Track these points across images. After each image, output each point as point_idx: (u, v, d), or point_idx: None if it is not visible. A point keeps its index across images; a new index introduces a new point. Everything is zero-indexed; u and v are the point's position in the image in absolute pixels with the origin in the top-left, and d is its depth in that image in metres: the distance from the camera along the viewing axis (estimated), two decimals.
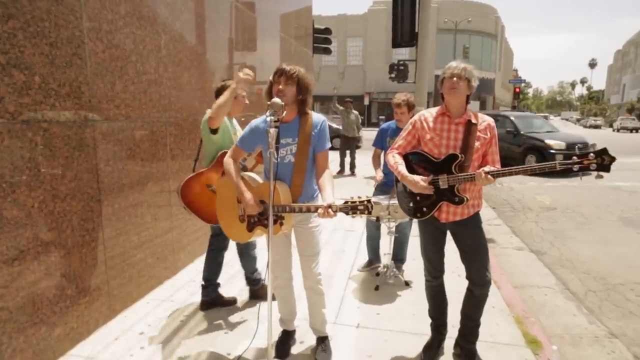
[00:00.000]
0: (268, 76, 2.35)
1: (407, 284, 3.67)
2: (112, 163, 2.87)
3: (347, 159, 10.06)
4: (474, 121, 2.31)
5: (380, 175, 3.80)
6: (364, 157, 10.05)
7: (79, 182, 2.57)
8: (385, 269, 3.71)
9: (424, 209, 2.42)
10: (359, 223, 5.55)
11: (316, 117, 2.37)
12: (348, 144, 9.89)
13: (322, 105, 41.10)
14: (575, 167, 2.08)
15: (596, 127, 47.51)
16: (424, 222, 2.51)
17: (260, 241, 2.92)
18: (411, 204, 2.49)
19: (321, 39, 12.54)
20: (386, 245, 3.72)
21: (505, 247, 5.12)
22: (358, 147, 10.65)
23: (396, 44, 9.13)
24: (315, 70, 40.73)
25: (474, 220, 2.39)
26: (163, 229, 3.57)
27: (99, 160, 2.74)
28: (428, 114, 2.45)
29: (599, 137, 21.26)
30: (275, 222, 2.25)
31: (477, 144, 2.29)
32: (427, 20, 8.21)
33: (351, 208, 2.11)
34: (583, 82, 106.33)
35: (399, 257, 3.93)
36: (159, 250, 3.51)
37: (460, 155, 2.26)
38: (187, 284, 3.61)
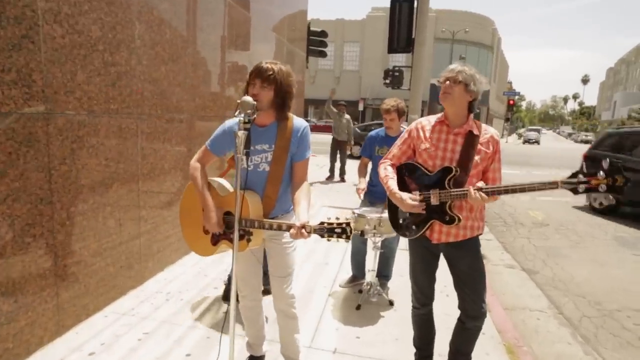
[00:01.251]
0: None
1: (391, 304, 3.42)
2: (69, 162, 2.58)
3: (338, 165, 9.81)
4: (475, 132, 2.06)
5: (363, 185, 3.55)
6: (356, 163, 9.76)
7: (25, 181, 2.28)
8: (368, 287, 3.45)
9: (413, 227, 2.17)
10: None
11: (297, 122, 2.11)
12: (338, 147, 9.63)
13: (316, 109, 40.90)
14: (581, 188, 1.84)
15: (587, 142, 47.97)
16: (414, 242, 2.26)
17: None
18: (400, 221, 2.25)
19: (317, 42, 12.33)
20: (371, 261, 3.46)
21: (496, 264, 4.90)
22: (351, 153, 10.41)
23: (392, 49, 8.95)
24: (311, 74, 40.71)
25: (471, 244, 2.13)
26: (129, 235, 3.27)
27: (52, 158, 2.45)
28: (426, 121, 2.21)
29: None
30: (241, 237, 1.98)
31: (476, 158, 2.04)
32: (425, 26, 8.04)
33: (327, 231, 1.84)
34: (575, 97, 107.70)
35: (384, 273, 3.68)
36: (123, 258, 3.21)
37: (455, 169, 2.01)
38: (152, 295, 3.31)
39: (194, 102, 4.10)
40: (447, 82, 2.04)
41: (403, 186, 2.18)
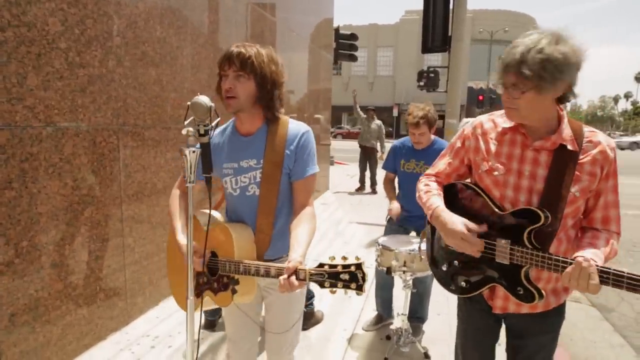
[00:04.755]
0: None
1: (426, 357, 2.71)
2: (17, 185, 2.08)
3: (368, 174, 9.11)
4: (570, 147, 1.28)
5: (396, 207, 2.86)
6: None
7: None
8: (398, 334, 2.75)
9: (462, 282, 1.46)
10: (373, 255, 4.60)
11: (294, 126, 1.54)
12: (366, 155, 8.91)
13: (350, 115, 40.26)
14: None
15: None
16: (466, 302, 1.55)
17: None
18: (443, 267, 1.53)
19: (346, 45, 11.78)
20: (401, 301, 2.77)
21: None
22: (382, 159, 9.67)
23: (427, 49, 8.21)
24: (344, 80, 40.25)
25: (550, 320, 1.41)
26: (110, 268, 2.76)
27: None
28: (490, 124, 1.45)
29: None
30: (225, 287, 1.48)
31: (574, 189, 1.28)
32: (463, 20, 7.26)
33: (329, 277, 1.26)
34: (627, 96, 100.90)
35: (417, 315, 2.98)
36: (101, 296, 2.70)
37: (543, 215, 1.24)
38: (137, 340, 2.78)
39: None
40: (505, 88, 1.28)
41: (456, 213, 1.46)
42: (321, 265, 1.28)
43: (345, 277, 1.25)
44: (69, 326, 2.46)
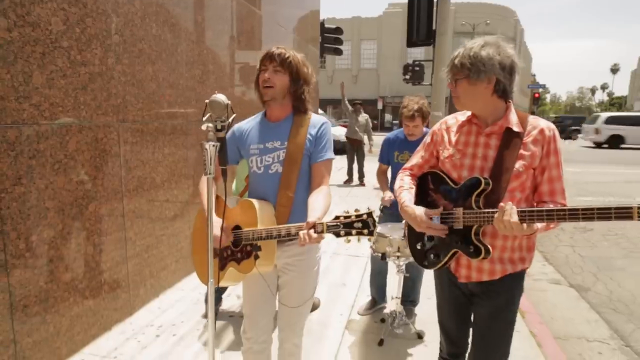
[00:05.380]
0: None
1: (419, 337, 2.87)
2: (26, 181, 2.15)
3: (355, 167, 9.26)
4: (516, 129, 1.51)
5: (388, 195, 3.01)
6: (375, 165, 9.17)
7: None
8: (392, 317, 2.91)
9: (432, 256, 1.67)
10: (366, 247, 4.76)
11: (316, 118, 1.77)
12: (354, 148, 9.05)
13: (334, 109, 40.31)
14: None
15: None
16: (440, 275, 1.76)
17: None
18: (417, 245, 1.74)
19: (332, 39, 11.84)
20: (394, 286, 2.92)
21: (538, 279, 4.28)
22: (371, 152, 9.82)
23: (411, 42, 8.33)
24: (328, 73, 40.18)
25: (507, 283, 1.57)
26: (113, 261, 2.84)
27: (2, 178, 2.02)
28: (453, 120, 1.70)
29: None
30: (249, 254, 1.63)
31: (518, 164, 1.49)
32: (447, 15, 7.43)
33: (344, 226, 1.41)
34: (604, 88, 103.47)
35: (410, 298, 3.13)
36: (105, 287, 2.78)
37: (484, 181, 1.47)
38: (141, 330, 2.87)
39: (190, 105, 3.65)
40: (449, 82, 1.55)
41: (428, 202, 1.67)
42: (337, 217, 1.45)
43: (359, 225, 1.41)
44: (76, 317, 2.54)
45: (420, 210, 1.59)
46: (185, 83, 3.56)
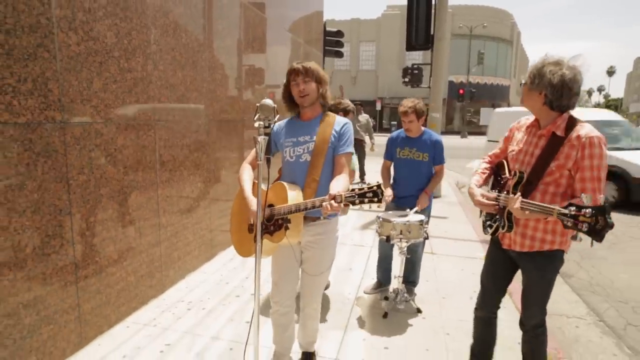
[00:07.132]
0: (274, 77, 2.08)
1: (419, 311, 3.27)
2: (87, 171, 2.54)
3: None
4: (559, 133, 1.83)
5: (389, 192, 3.40)
6: (376, 164, 9.55)
7: (43, 193, 2.24)
8: (395, 294, 3.31)
9: (489, 228, 2.11)
10: (368, 237, 5.16)
11: (340, 118, 2.16)
12: (355, 147, 9.42)
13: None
14: (569, 222, 1.56)
15: None
16: (491, 242, 2.22)
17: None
18: (482, 218, 2.19)
19: (333, 42, 12.22)
20: (397, 267, 3.32)
21: None
22: (372, 151, 10.20)
23: (411, 46, 8.72)
24: (327, 75, 40.40)
25: (541, 259, 1.95)
26: (149, 243, 3.22)
27: (70, 168, 2.41)
28: (524, 121, 2.08)
29: None
30: (280, 226, 1.98)
31: (553, 164, 1.82)
32: (445, 20, 7.83)
33: (359, 196, 1.76)
34: (600, 90, 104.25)
35: (410, 279, 3.53)
36: (143, 267, 3.16)
37: (519, 175, 1.87)
38: (174, 305, 3.26)
39: (211, 106, 4.04)
40: (523, 83, 1.94)
41: (496, 184, 2.13)
42: (352, 190, 1.79)
43: (370, 194, 1.74)
44: (122, 290, 2.93)
45: (478, 191, 2.05)
46: (208, 86, 3.95)
